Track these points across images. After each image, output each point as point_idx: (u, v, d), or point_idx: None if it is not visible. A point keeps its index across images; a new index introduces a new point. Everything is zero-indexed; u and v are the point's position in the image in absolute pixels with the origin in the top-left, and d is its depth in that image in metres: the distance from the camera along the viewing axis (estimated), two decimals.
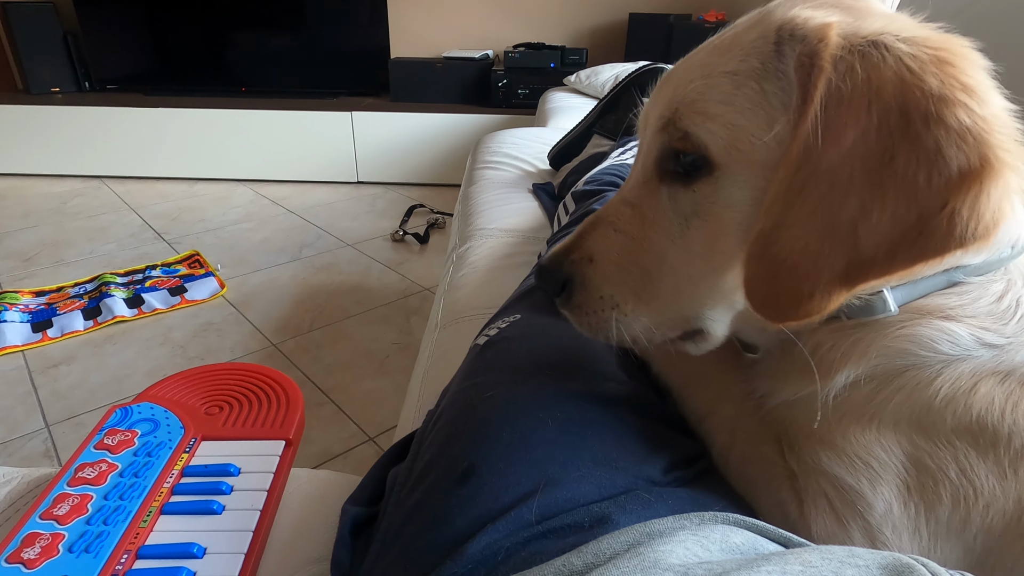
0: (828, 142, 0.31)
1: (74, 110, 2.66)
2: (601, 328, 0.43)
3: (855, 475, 0.35)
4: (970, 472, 0.33)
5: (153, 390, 0.61)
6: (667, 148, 0.39)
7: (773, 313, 0.35)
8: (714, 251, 0.39)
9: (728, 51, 0.37)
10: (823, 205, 0.32)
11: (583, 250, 0.43)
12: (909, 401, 0.35)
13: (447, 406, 0.46)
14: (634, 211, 0.42)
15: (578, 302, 0.43)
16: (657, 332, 0.42)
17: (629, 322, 0.42)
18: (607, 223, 0.43)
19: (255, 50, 2.93)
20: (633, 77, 1.26)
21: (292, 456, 0.57)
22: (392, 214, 2.47)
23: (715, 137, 0.36)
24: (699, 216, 0.39)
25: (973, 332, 0.35)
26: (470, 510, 0.36)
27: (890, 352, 0.36)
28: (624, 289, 0.42)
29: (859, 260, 0.32)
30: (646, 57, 2.46)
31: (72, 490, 0.48)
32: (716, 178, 0.37)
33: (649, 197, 0.41)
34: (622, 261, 0.42)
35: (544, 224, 1.14)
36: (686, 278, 0.40)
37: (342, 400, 1.42)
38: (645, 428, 0.42)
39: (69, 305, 1.73)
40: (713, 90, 0.36)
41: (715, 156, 0.36)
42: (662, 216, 0.40)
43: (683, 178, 0.39)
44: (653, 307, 0.42)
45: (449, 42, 3.03)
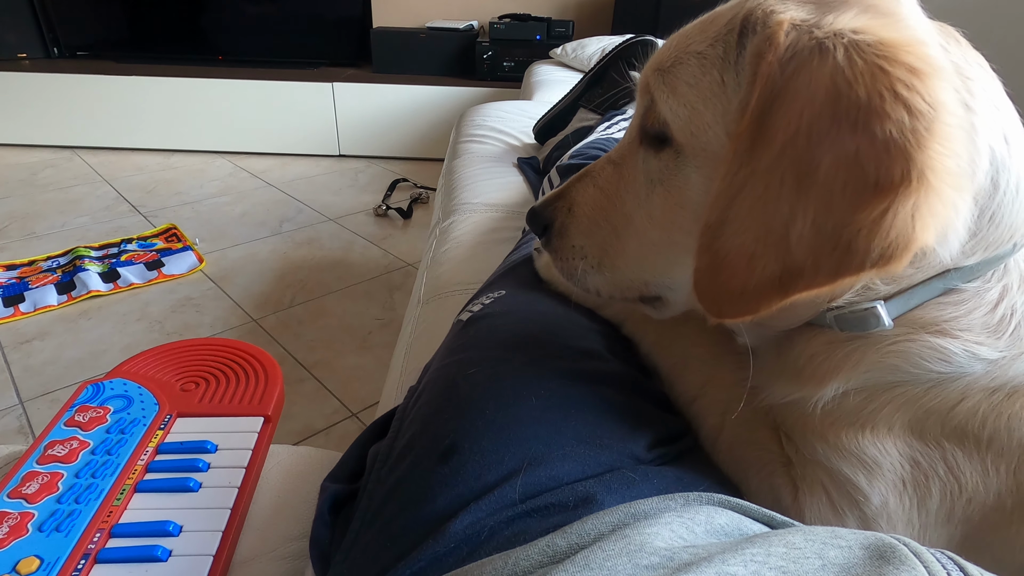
0: (764, 142, 0.31)
1: (43, 77, 2.56)
2: (572, 274, 0.46)
3: (852, 469, 0.36)
4: (956, 470, 0.34)
5: (126, 366, 0.59)
6: (643, 117, 0.40)
7: (713, 307, 0.35)
8: (672, 223, 0.39)
9: (705, 30, 0.37)
10: (759, 206, 0.32)
11: (567, 199, 0.46)
12: (900, 411, 0.35)
13: (429, 383, 0.45)
14: (615, 169, 0.43)
15: (555, 246, 0.46)
16: (618, 290, 0.45)
17: (594, 275, 0.44)
18: (590, 177, 0.45)
19: (232, 17, 2.83)
20: (619, 50, 1.24)
21: (271, 433, 0.56)
22: (375, 188, 2.43)
23: (676, 116, 0.37)
24: (663, 184, 0.39)
25: (967, 347, 0.34)
26: (452, 488, 0.35)
27: (880, 367, 0.36)
28: (593, 242, 0.44)
29: (792, 268, 0.31)
30: (633, 30, 2.42)
31: (42, 468, 0.47)
32: (676, 153, 0.38)
33: (630, 157, 0.42)
34: (595, 215, 0.44)
35: (529, 199, 1.13)
36: (647, 243, 0.41)
37: (324, 376, 1.41)
38: (629, 406, 0.42)
39: (42, 279, 1.68)
40: (683, 67, 0.37)
41: (675, 134, 0.37)
42: (635, 178, 0.41)
43: (656, 144, 0.39)
44: (617, 264, 0.43)
45: (433, 11, 2.96)
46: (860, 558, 0.27)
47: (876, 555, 0.27)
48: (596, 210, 0.44)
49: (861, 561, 0.27)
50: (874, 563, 0.27)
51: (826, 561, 0.26)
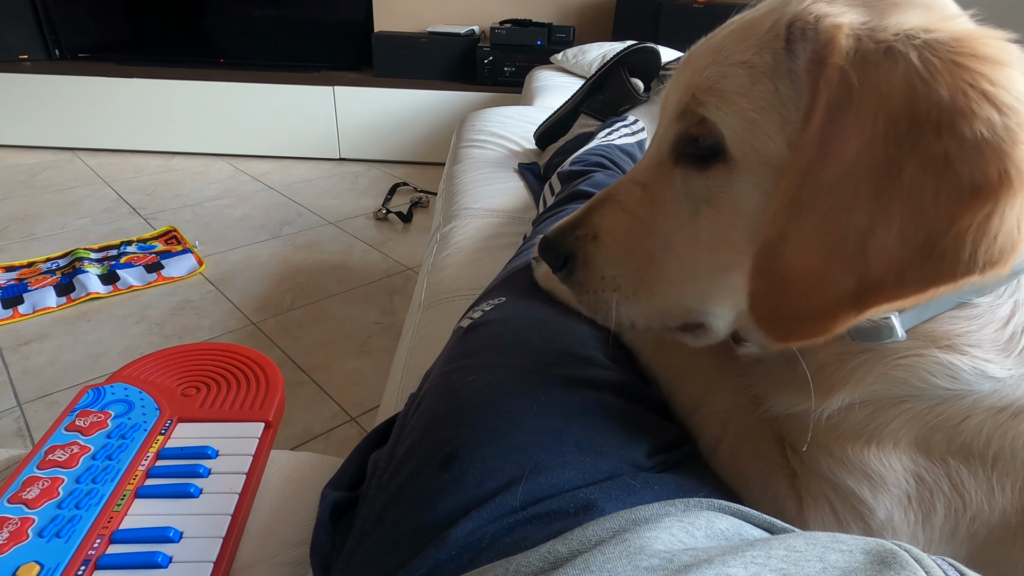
0: (832, 153, 0.30)
1: (44, 79, 2.56)
2: (600, 309, 0.42)
3: (857, 482, 0.35)
4: (961, 487, 0.34)
5: (127, 370, 0.59)
6: (684, 133, 0.37)
7: (775, 332, 0.33)
8: (721, 244, 0.37)
9: (744, 39, 0.35)
10: (828, 220, 0.30)
11: (588, 227, 0.42)
12: (906, 426, 0.35)
13: (429, 390, 0.45)
14: (644, 192, 0.40)
15: (579, 280, 0.42)
16: (657, 320, 0.41)
17: (629, 306, 0.41)
18: (615, 201, 0.41)
19: (234, 20, 2.84)
20: (621, 57, 1.25)
21: (271, 438, 0.56)
22: (375, 192, 2.44)
23: (731, 128, 0.34)
24: (710, 204, 0.37)
25: (976, 364, 0.34)
26: (453, 495, 0.35)
27: (888, 380, 0.35)
28: (626, 271, 0.41)
29: (870, 281, 0.29)
30: (634, 36, 2.43)
31: (42, 473, 0.47)
32: (730, 168, 0.35)
33: (662, 179, 0.39)
34: (627, 242, 0.40)
35: (530, 204, 1.13)
36: (690, 268, 0.39)
37: (323, 380, 1.41)
38: (630, 413, 0.42)
39: (41, 281, 1.68)
40: (729, 79, 0.35)
41: (730, 147, 0.35)
42: (673, 200, 0.39)
43: (698, 162, 0.37)
44: (655, 293, 0.40)
45: (434, 17, 2.97)
46: (861, 562, 0.27)
47: (877, 560, 0.27)
48: (628, 236, 0.40)
49: (862, 565, 0.27)
50: (875, 567, 0.27)
51: (827, 564, 0.27)
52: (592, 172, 0.88)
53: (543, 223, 0.77)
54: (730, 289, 0.38)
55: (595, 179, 0.84)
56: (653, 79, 1.28)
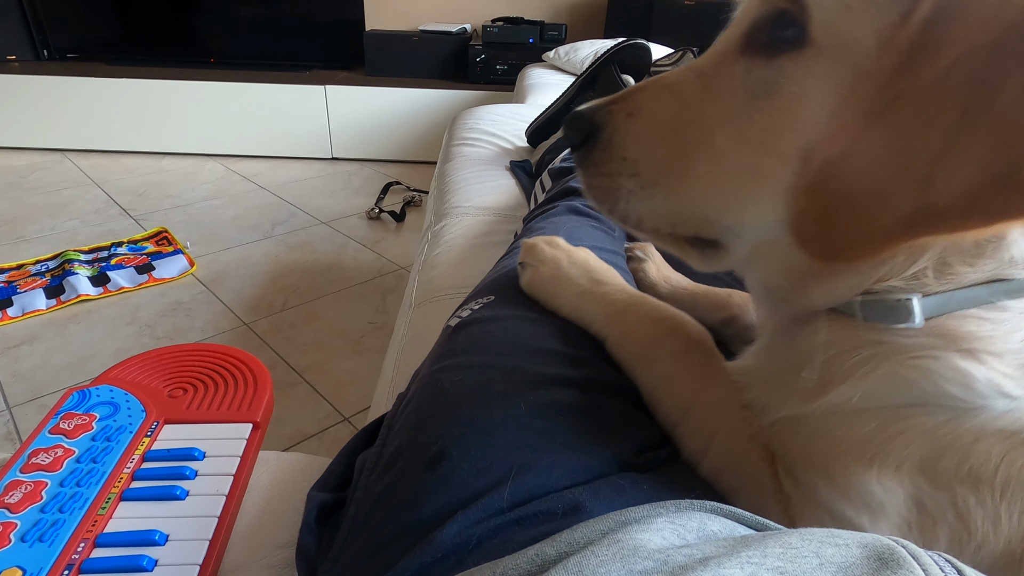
0: (925, 57, 0.27)
1: (32, 79, 2.54)
2: (609, 196, 0.38)
3: (856, 511, 0.33)
4: (968, 516, 0.31)
5: (113, 372, 0.59)
6: (766, 15, 0.33)
7: (820, 250, 0.31)
8: (769, 147, 0.33)
9: None
10: (903, 135, 0.27)
11: (628, 102, 0.37)
12: (910, 447, 0.33)
13: (417, 390, 0.44)
14: (698, 78, 0.36)
15: (596, 159, 0.38)
16: (667, 221, 0.37)
17: (643, 198, 0.37)
18: (664, 83, 0.37)
19: (225, 19, 2.82)
20: (612, 53, 1.24)
21: (260, 439, 0.55)
22: (367, 191, 2.43)
23: (820, 7, 0.31)
24: (770, 97, 0.33)
25: (992, 377, 0.31)
26: (440, 496, 0.35)
27: (896, 380, 0.33)
28: (652, 157, 0.36)
29: (929, 208, 0.27)
30: (626, 33, 2.42)
31: (25, 477, 0.46)
32: (804, 57, 0.32)
33: (721, 66, 0.35)
34: (663, 125, 0.36)
35: (521, 202, 1.13)
36: (726, 168, 0.35)
37: (316, 380, 1.40)
38: (618, 411, 0.41)
39: (30, 283, 1.66)
40: None
41: (813, 29, 0.31)
42: (728, 88, 0.34)
43: (768, 50, 0.33)
44: (676, 190, 0.36)
45: (425, 15, 2.96)
46: (858, 557, 0.27)
47: (874, 556, 0.27)
48: (666, 119, 0.36)
49: (859, 561, 0.27)
50: (872, 563, 0.27)
51: (824, 560, 0.26)
52: None
53: (535, 220, 0.77)
54: (761, 203, 0.35)
55: None
56: (644, 75, 1.28)
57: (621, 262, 0.65)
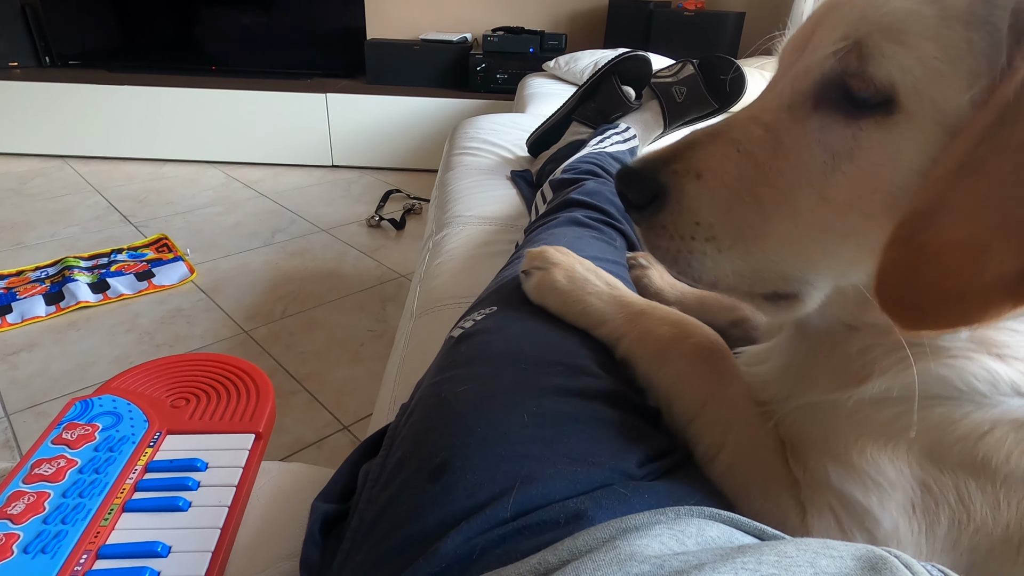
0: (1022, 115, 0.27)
1: (34, 86, 2.55)
2: (681, 259, 0.37)
3: (865, 493, 0.34)
4: (968, 500, 0.33)
5: (115, 382, 0.59)
6: (839, 75, 0.32)
7: (907, 313, 0.30)
8: (855, 207, 0.33)
9: None
10: (1002, 189, 0.27)
11: (690, 162, 0.36)
12: (928, 434, 0.34)
13: (420, 401, 0.45)
14: (767, 133, 0.35)
15: (665, 221, 0.36)
16: (746, 281, 0.37)
17: (719, 260, 0.36)
18: (729, 139, 0.36)
19: (227, 28, 2.84)
20: (612, 65, 1.25)
21: (262, 450, 0.55)
22: (368, 199, 2.44)
23: (909, 75, 0.30)
24: (854, 160, 0.32)
25: (1015, 377, 0.33)
26: (443, 507, 0.35)
27: (931, 377, 0.34)
28: (728, 221, 0.35)
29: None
30: (626, 44, 2.44)
31: (28, 488, 0.46)
32: (893, 123, 0.31)
33: (792, 123, 0.35)
34: (738, 187, 0.35)
35: (522, 212, 1.13)
36: (807, 228, 0.34)
37: (316, 388, 1.40)
38: (621, 422, 0.42)
39: (30, 290, 1.66)
40: (916, 18, 0.30)
41: (902, 96, 0.30)
42: (804, 149, 0.34)
43: (847, 109, 0.32)
44: (753, 251, 0.35)
45: (426, 24, 2.98)
46: (852, 568, 0.27)
47: (868, 566, 0.27)
48: (740, 180, 0.35)
49: (853, 571, 0.27)
50: (866, 574, 0.27)
51: (818, 570, 0.27)
52: (583, 180, 0.88)
53: (535, 231, 0.77)
54: (841, 259, 0.35)
55: (587, 187, 0.84)
56: (644, 87, 1.28)
57: (623, 272, 0.65)
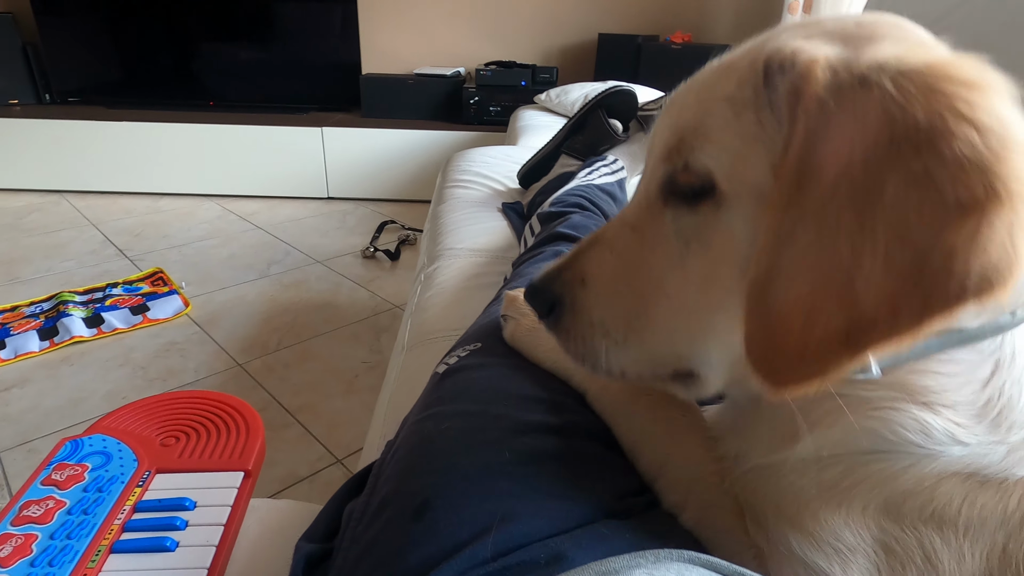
0: (812, 179, 0.29)
1: (33, 123, 2.59)
2: (588, 357, 0.41)
3: (827, 560, 0.34)
4: (934, 557, 0.32)
5: (106, 421, 0.59)
6: (671, 175, 0.37)
7: (768, 376, 0.32)
8: (712, 282, 0.36)
9: (725, 76, 0.36)
10: (813, 251, 0.29)
11: (576, 270, 0.41)
12: (875, 490, 0.34)
13: (405, 438, 0.45)
14: (634, 233, 0.40)
15: (566, 326, 0.41)
16: (647, 367, 0.40)
17: (619, 352, 0.40)
18: (604, 243, 0.41)
19: (224, 63, 2.90)
20: (599, 99, 1.29)
21: (251, 487, 0.55)
22: (363, 230, 2.46)
23: (719, 163, 0.34)
24: (700, 241, 0.36)
25: (948, 427, 0.33)
26: (425, 546, 0.36)
27: (860, 431, 0.34)
28: (616, 315, 0.40)
29: (861, 319, 0.28)
30: (615, 76, 2.50)
31: (16, 530, 0.46)
32: (719, 203, 0.35)
33: (651, 220, 0.39)
34: (616, 284, 0.40)
35: (513, 243, 1.15)
36: (681, 308, 0.38)
37: (309, 421, 1.40)
38: (602, 459, 0.42)
39: (24, 325, 1.67)
40: (713, 116, 0.35)
41: (719, 182, 0.34)
42: (663, 239, 0.38)
43: (688, 200, 0.36)
44: (644, 338, 0.39)
45: (420, 59, 3.05)
46: None
47: None
48: (617, 278, 0.39)
49: None
50: None
51: None
52: (570, 214, 0.90)
53: (523, 264, 0.78)
54: (720, 333, 0.37)
55: (572, 221, 0.86)
56: (631, 120, 1.32)
57: None
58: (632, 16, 2.92)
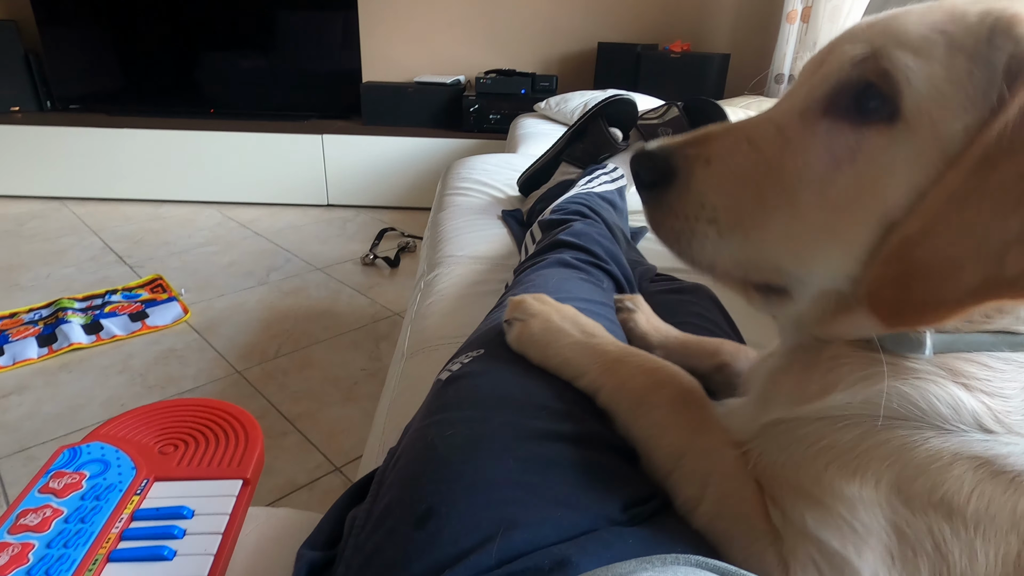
0: (1009, 155, 0.29)
1: (34, 130, 2.59)
2: (683, 238, 0.39)
3: (841, 540, 0.34)
4: (944, 547, 0.32)
5: (104, 429, 0.59)
6: (855, 82, 0.35)
7: (890, 315, 0.33)
8: (846, 209, 0.35)
9: (950, 15, 0.34)
10: (981, 221, 0.30)
11: (704, 147, 0.38)
12: (890, 459, 0.34)
13: (407, 445, 0.45)
14: (778, 132, 0.37)
15: (671, 201, 0.38)
16: (741, 268, 0.39)
17: (719, 244, 0.38)
18: (742, 133, 0.38)
19: (225, 71, 2.91)
20: (599, 108, 1.29)
21: (250, 496, 0.55)
22: (362, 237, 2.46)
23: (914, 87, 0.32)
24: (854, 164, 0.34)
25: (978, 409, 0.33)
26: (428, 554, 0.35)
27: (895, 393, 0.34)
28: (731, 206, 0.37)
29: (997, 279, 0.30)
30: (615, 85, 2.51)
31: (12, 539, 0.46)
32: (893, 132, 0.33)
33: (802, 125, 0.37)
34: (744, 175, 0.37)
35: (513, 251, 1.15)
36: (803, 223, 0.36)
37: (308, 428, 1.39)
38: (606, 465, 0.42)
39: (23, 332, 1.66)
40: (928, 41, 0.33)
41: (906, 108, 0.33)
42: (810, 148, 0.36)
43: (854, 118, 0.35)
44: (753, 239, 0.37)
45: (421, 67, 3.06)
46: None
47: None
48: (747, 169, 0.37)
49: None
50: None
51: None
52: (571, 221, 0.90)
53: (524, 272, 0.78)
54: (831, 258, 0.36)
55: (574, 228, 0.86)
56: (631, 128, 1.32)
57: (610, 314, 0.66)
58: (631, 25, 2.93)
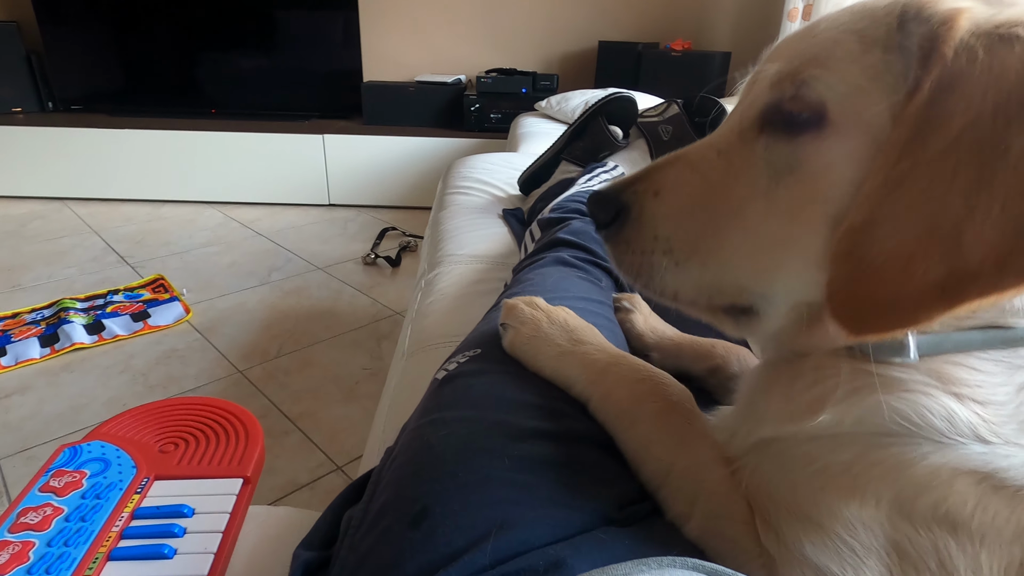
0: (936, 129, 0.29)
1: (36, 130, 2.60)
2: (643, 272, 0.40)
3: (840, 563, 0.33)
4: (950, 563, 0.31)
5: (105, 427, 0.59)
6: (778, 102, 0.36)
7: (851, 321, 0.31)
8: (796, 218, 0.35)
9: (858, 14, 0.35)
10: (923, 200, 0.29)
11: (651, 182, 0.40)
12: (889, 478, 0.33)
13: (404, 444, 0.45)
14: (720, 157, 0.38)
15: (627, 237, 0.40)
16: (704, 293, 0.39)
17: (678, 273, 0.39)
18: (686, 162, 0.39)
19: (226, 71, 2.91)
20: (599, 105, 1.29)
21: (250, 494, 0.55)
22: (364, 237, 2.46)
23: (835, 92, 0.34)
24: (794, 173, 0.35)
25: (973, 420, 0.32)
26: (423, 554, 0.35)
27: (886, 409, 0.33)
28: (684, 234, 0.38)
29: (962, 270, 0.28)
30: (615, 83, 2.51)
31: (13, 537, 0.46)
32: (825, 135, 0.34)
33: (742, 146, 0.38)
34: (691, 203, 0.38)
35: (513, 250, 1.15)
36: (756, 240, 0.37)
37: (309, 428, 1.39)
38: (601, 465, 0.42)
39: (25, 332, 1.67)
40: (840, 46, 0.34)
41: (831, 111, 0.34)
42: (752, 167, 0.37)
43: (787, 129, 0.35)
44: (709, 263, 0.38)
45: (422, 66, 3.06)
46: None
47: None
48: (694, 197, 0.38)
49: None
50: None
51: None
52: (570, 219, 0.90)
53: (524, 270, 0.78)
54: (791, 271, 0.37)
55: (573, 227, 0.86)
56: (631, 126, 1.32)
57: (608, 312, 0.66)
58: (632, 24, 2.93)
